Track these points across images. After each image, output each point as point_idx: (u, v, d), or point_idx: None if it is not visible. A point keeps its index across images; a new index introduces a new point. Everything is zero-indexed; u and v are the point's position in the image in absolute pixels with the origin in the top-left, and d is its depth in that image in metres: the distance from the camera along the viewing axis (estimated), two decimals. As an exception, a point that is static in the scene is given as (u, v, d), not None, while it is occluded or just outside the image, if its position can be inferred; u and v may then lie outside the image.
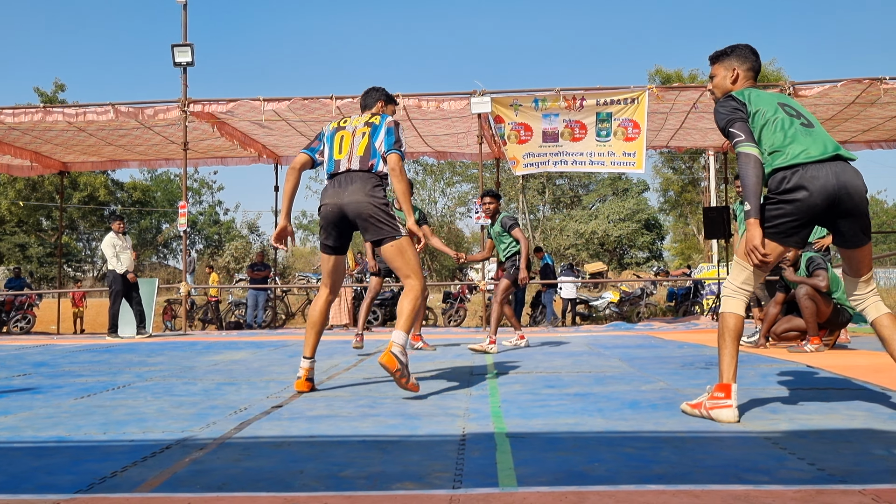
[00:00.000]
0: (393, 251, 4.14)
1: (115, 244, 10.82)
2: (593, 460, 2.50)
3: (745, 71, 3.52)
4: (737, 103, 3.33)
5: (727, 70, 3.53)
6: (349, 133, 4.31)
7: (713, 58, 3.60)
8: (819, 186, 3.11)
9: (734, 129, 3.26)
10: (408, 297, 4.10)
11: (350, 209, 4.11)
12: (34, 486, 2.28)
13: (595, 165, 11.78)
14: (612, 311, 15.92)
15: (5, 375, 5.54)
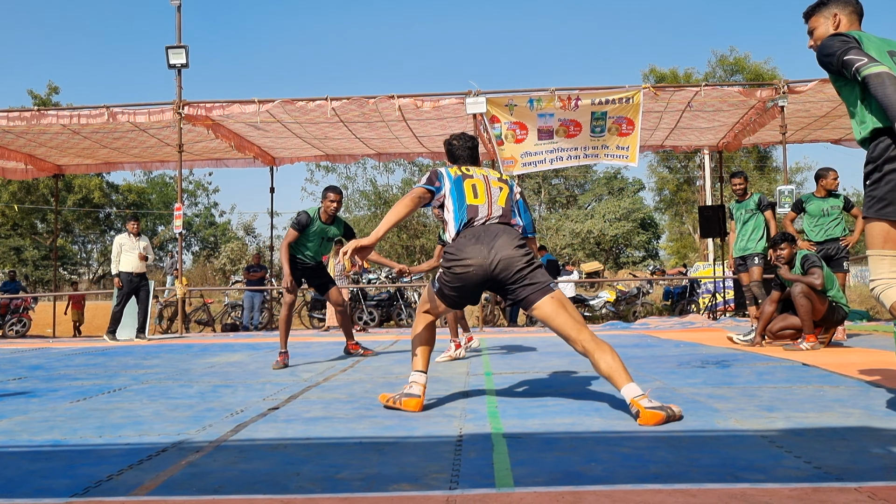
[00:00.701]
0: (556, 304, 3.47)
1: (122, 244, 10.81)
2: (590, 460, 2.49)
3: (849, 14, 3.25)
4: (846, 37, 3.03)
5: (827, 18, 3.28)
6: (481, 182, 3.74)
7: (809, 12, 3.36)
8: None
9: (851, 55, 2.92)
10: (606, 352, 3.39)
11: (501, 265, 3.47)
12: (30, 489, 2.27)
13: (589, 158, 11.82)
14: (609, 311, 15.93)
15: (1, 379, 5.52)
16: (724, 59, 36.00)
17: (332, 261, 13.82)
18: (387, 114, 11.97)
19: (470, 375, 5.05)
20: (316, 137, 13.67)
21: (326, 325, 13.23)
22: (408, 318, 14.64)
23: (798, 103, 11.61)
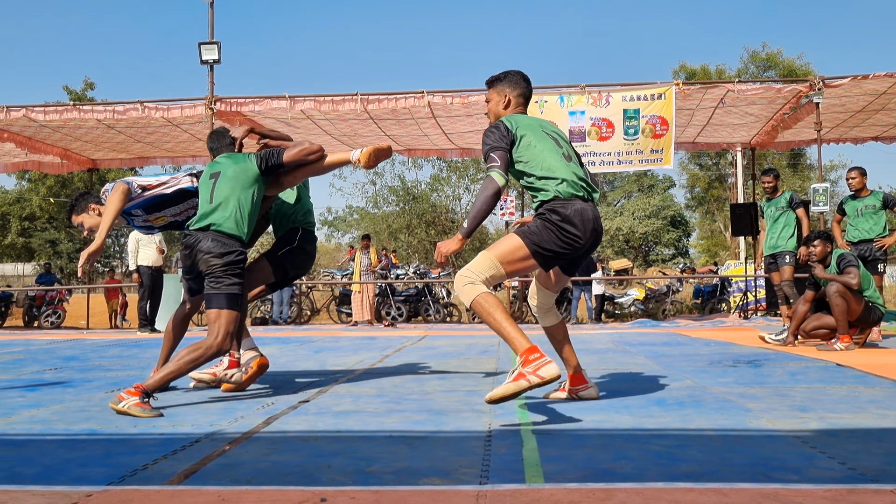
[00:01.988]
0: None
1: (139, 239, 10.94)
2: (620, 457, 2.49)
3: (516, 97, 3.69)
4: (499, 129, 3.47)
5: (500, 95, 3.69)
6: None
7: (487, 83, 3.76)
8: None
9: (493, 154, 3.39)
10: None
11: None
12: (67, 477, 2.31)
13: (623, 165, 11.59)
14: (638, 309, 15.83)
15: (37, 369, 5.63)
16: (756, 54, 35.53)
17: (358, 255, 13.88)
18: (416, 110, 11.98)
19: (498, 371, 5.05)
20: (345, 134, 13.72)
21: (354, 321, 13.29)
22: (435, 314, 14.66)
23: (833, 97, 11.41)
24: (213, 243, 3.79)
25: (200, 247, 3.80)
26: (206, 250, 3.78)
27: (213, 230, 3.83)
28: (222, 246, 3.80)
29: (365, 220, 35.89)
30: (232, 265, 3.78)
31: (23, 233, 36.28)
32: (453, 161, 35.40)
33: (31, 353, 7.25)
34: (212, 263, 3.77)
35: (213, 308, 3.74)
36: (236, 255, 3.82)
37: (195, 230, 3.88)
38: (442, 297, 15.37)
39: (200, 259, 3.80)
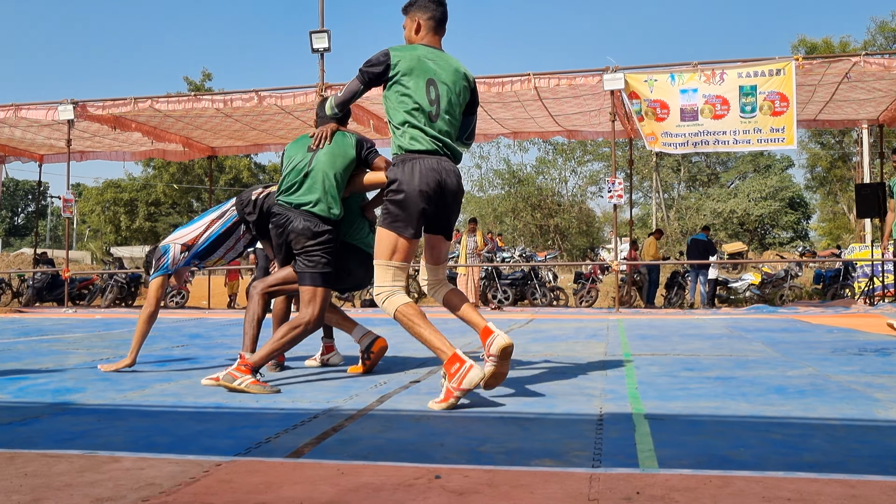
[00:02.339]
0: None
1: None
2: (738, 445, 2.42)
3: (426, 21, 3.53)
4: (381, 58, 3.41)
5: (412, 21, 3.55)
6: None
7: (403, 9, 3.62)
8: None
9: (356, 79, 3.47)
10: None
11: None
12: (198, 448, 2.46)
13: (740, 144, 11.04)
14: (753, 294, 15.25)
15: (166, 346, 5.98)
16: (884, 25, 33.32)
17: (465, 238, 13.96)
18: (522, 93, 11.90)
19: (608, 356, 5.00)
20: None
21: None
22: (542, 298, 14.61)
23: None
24: (306, 224, 3.84)
25: (293, 227, 3.85)
26: (299, 231, 3.84)
27: (305, 210, 3.88)
28: (315, 226, 3.85)
29: (470, 203, 36.06)
30: (325, 244, 3.85)
31: (149, 217, 38.37)
32: (559, 143, 35.06)
33: (160, 330, 7.69)
34: (306, 244, 3.84)
35: (308, 286, 3.82)
36: (328, 234, 3.88)
37: (286, 207, 3.92)
38: (548, 281, 15.29)
39: (293, 239, 3.86)
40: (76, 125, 13.56)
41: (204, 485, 2.00)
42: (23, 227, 56.78)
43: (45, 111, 13.04)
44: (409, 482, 2.02)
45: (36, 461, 2.26)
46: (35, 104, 13.15)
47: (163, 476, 2.08)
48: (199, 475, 2.09)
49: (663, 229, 25.63)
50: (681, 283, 14.80)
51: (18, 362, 4.91)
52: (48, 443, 2.54)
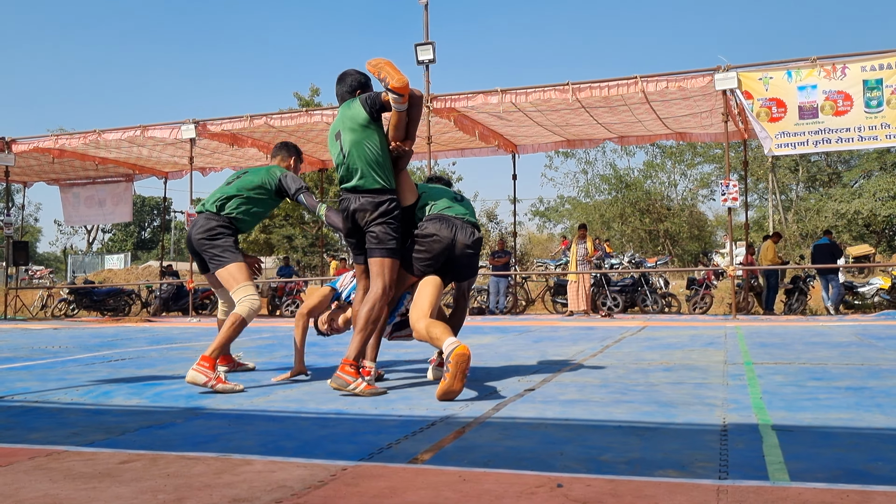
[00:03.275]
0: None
1: None
2: (876, 459, 2.30)
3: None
4: None
5: None
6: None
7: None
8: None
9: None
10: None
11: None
12: (323, 452, 2.54)
13: (866, 141, 10.35)
14: (883, 299, 14.38)
15: (285, 354, 6.20)
16: None
17: (574, 244, 13.81)
18: (629, 97, 11.70)
19: (728, 364, 4.84)
20: (556, 124, 13.72)
21: (569, 311, 13.27)
22: (653, 304, 14.27)
23: None
24: (362, 201, 3.92)
25: (354, 207, 3.94)
26: (358, 208, 3.93)
27: (360, 189, 3.95)
28: (372, 197, 3.92)
29: (577, 209, 35.63)
30: (386, 214, 3.91)
31: (264, 229, 39.86)
32: (668, 146, 34.20)
33: (278, 338, 7.99)
34: (367, 218, 3.91)
35: (376, 258, 3.91)
36: (388, 203, 3.93)
37: (346, 193, 4.02)
38: (660, 287, 14.93)
39: (358, 218, 3.94)
40: (197, 143, 14.29)
41: (332, 488, 2.07)
42: (149, 240, 60.20)
43: (170, 131, 13.82)
44: (531, 490, 2.02)
45: (176, 462, 2.40)
46: (160, 125, 13.94)
47: (293, 479, 2.17)
48: (327, 479, 2.17)
49: (781, 232, 24.55)
50: (802, 288, 14.13)
51: (153, 369, 5.21)
52: (185, 445, 2.68)
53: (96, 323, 13.57)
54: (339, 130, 4.05)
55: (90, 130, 14.34)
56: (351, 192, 3.98)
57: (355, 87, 4.14)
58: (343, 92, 4.17)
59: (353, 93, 4.14)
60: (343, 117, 4.04)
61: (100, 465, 2.39)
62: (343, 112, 4.07)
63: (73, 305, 17.74)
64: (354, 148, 3.94)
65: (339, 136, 4.03)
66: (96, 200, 17.91)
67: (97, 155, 15.82)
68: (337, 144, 4.05)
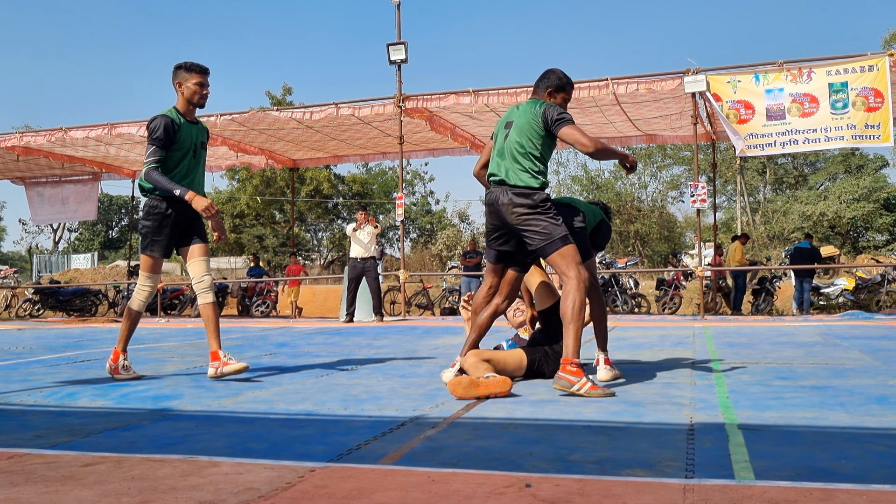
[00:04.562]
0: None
1: (352, 233, 11.59)
2: (839, 457, 2.34)
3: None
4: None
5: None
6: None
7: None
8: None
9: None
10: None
11: None
12: (292, 453, 2.52)
13: (833, 141, 10.47)
14: (847, 299, 14.64)
15: (255, 354, 6.15)
16: None
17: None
18: (600, 98, 11.78)
19: (695, 364, 4.89)
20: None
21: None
22: (623, 305, 14.38)
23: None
24: (511, 195, 3.87)
25: (501, 200, 3.91)
26: (507, 202, 3.88)
27: (507, 185, 3.92)
28: (522, 192, 3.87)
29: None
30: (541, 206, 3.85)
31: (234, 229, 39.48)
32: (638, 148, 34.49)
33: (248, 339, 7.93)
34: (520, 214, 3.84)
35: (553, 253, 3.81)
36: (538, 196, 3.88)
37: (495, 185, 4.00)
38: (630, 288, 15.05)
39: (506, 213, 3.88)
40: (167, 142, 14.11)
41: (300, 490, 2.06)
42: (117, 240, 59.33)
43: (138, 128, 13.62)
44: (499, 490, 2.02)
45: (141, 465, 2.37)
46: (128, 122, 13.75)
47: (260, 481, 2.15)
48: (295, 480, 2.15)
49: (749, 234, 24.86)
50: (769, 289, 14.33)
51: (119, 370, 5.13)
52: (151, 447, 2.65)
53: (62, 323, 13.36)
54: (510, 121, 4.06)
55: (56, 128, 14.11)
56: (499, 184, 3.98)
57: (554, 88, 4.13)
58: (538, 88, 4.15)
59: (545, 92, 4.12)
60: (521, 112, 4.02)
61: (63, 468, 2.35)
62: (525, 106, 4.05)
63: (38, 306, 17.45)
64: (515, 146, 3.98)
65: (508, 126, 4.04)
66: (60, 199, 17.61)
67: (63, 153, 15.57)
68: (501, 135, 4.06)
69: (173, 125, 4.31)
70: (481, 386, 3.55)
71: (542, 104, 3.99)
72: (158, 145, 4.27)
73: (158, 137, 4.26)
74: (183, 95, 4.46)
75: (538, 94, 4.14)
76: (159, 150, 4.27)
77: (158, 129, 4.25)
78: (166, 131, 4.27)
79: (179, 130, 4.35)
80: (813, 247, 14.61)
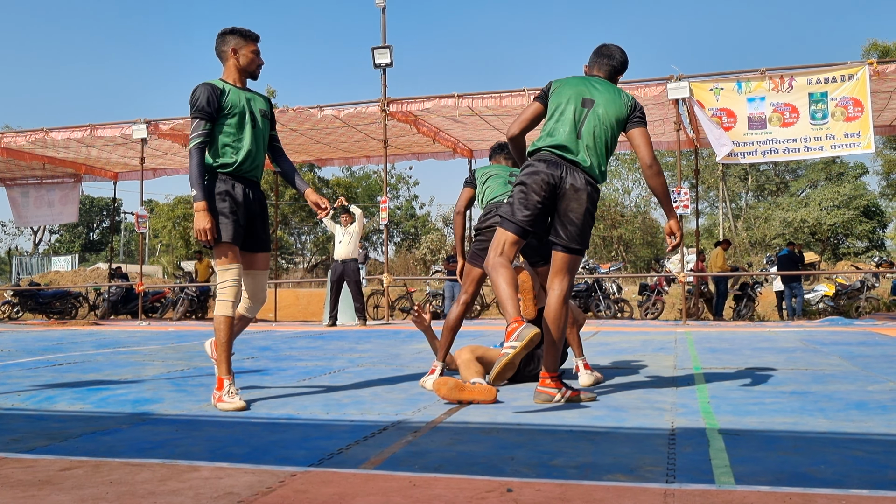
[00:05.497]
0: None
1: (334, 235, 11.57)
2: (818, 462, 2.35)
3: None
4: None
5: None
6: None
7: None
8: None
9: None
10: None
11: None
12: (273, 458, 2.51)
13: (812, 151, 10.61)
14: (827, 305, 14.78)
15: (237, 358, 6.09)
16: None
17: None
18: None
19: (677, 369, 4.91)
20: (514, 129, 13.79)
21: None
22: (606, 310, 14.44)
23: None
24: (587, 183, 3.54)
25: (573, 183, 3.51)
26: (581, 187, 3.51)
27: (583, 169, 3.55)
28: (596, 188, 3.60)
29: None
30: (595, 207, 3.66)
31: (217, 232, 39.27)
32: (623, 154, 34.68)
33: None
34: (586, 206, 3.52)
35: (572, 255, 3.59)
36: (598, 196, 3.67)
37: (564, 161, 3.55)
38: (613, 293, 15.11)
39: (570, 195, 3.50)
40: (149, 143, 14.03)
41: (280, 495, 2.04)
42: (98, 242, 58.85)
43: (120, 130, 13.54)
44: (481, 495, 2.02)
45: (120, 469, 2.34)
46: (110, 124, 13.66)
47: (240, 486, 2.13)
48: (275, 485, 2.14)
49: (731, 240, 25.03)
50: (750, 294, 14.44)
51: (98, 373, 5.09)
52: (130, 452, 2.62)
53: (41, 326, 13.22)
54: (590, 98, 3.63)
55: (37, 129, 13.99)
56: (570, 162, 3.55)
57: (618, 71, 3.81)
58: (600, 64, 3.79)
59: (614, 74, 3.79)
60: (603, 93, 3.64)
61: (40, 472, 2.33)
62: (604, 88, 3.67)
63: (17, 308, 17.26)
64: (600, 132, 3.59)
65: (587, 103, 3.61)
66: (46, 201, 17.47)
67: (45, 154, 15.43)
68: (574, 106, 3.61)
69: (214, 91, 3.70)
70: (466, 391, 3.55)
71: (625, 94, 3.71)
72: (201, 116, 3.66)
73: (200, 108, 3.66)
74: (238, 63, 3.84)
75: (605, 71, 3.78)
76: (203, 123, 3.66)
77: (199, 99, 3.67)
78: (208, 100, 3.66)
79: (227, 96, 3.74)
80: (792, 252, 14.78)
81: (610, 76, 3.79)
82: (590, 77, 3.75)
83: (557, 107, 3.64)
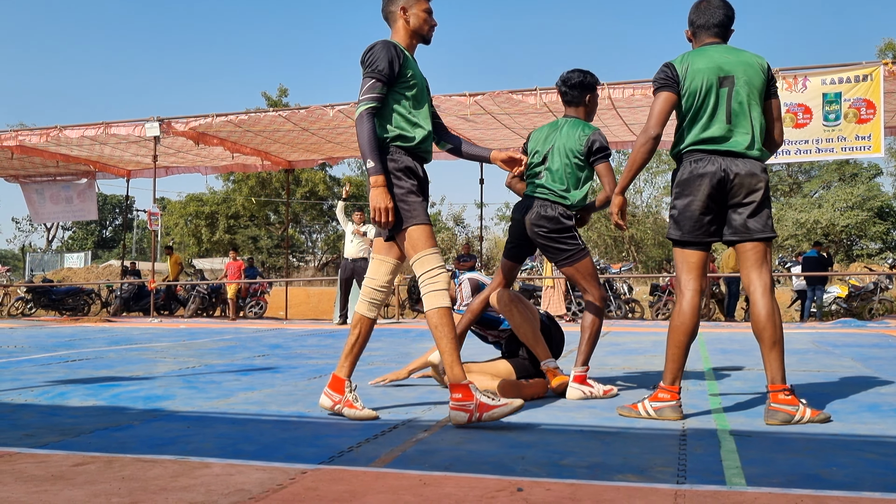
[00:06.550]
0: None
1: (346, 234, 11.60)
2: (830, 464, 2.34)
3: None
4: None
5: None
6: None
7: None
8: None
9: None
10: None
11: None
12: (284, 455, 2.52)
13: (823, 153, 10.56)
14: (840, 307, 14.68)
15: (248, 356, 6.14)
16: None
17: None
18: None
19: (688, 370, 4.89)
20: (525, 128, 13.78)
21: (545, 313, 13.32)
22: (616, 310, 14.40)
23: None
24: (756, 168, 3.18)
25: (738, 170, 3.14)
26: (746, 173, 3.15)
27: (750, 159, 3.17)
28: (764, 167, 3.21)
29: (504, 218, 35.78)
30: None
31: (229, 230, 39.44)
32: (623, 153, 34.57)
33: (241, 340, 7.91)
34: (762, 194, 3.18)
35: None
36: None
37: (719, 156, 3.18)
38: (623, 293, 15.06)
39: (743, 183, 3.14)
40: (161, 141, 14.09)
41: (291, 492, 2.05)
42: (111, 239, 59.23)
43: (133, 128, 13.59)
44: (491, 494, 2.02)
45: (132, 465, 2.36)
46: (123, 122, 13.71)
47: (251, 482, 2.14)
48: (286, 482, 2.14)
49: (743, 240, 24.86)
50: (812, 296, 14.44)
51: (111, 370, 5.12)
52: (142, 448, 2.64)
53: (54, 322, 13.31)
54: (728, 72, 3.17)
55: (51, 126, 14.06)
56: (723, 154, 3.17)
57: (731, 21, 3.32)
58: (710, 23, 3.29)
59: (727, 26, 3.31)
60: (737, 61, 3.18)
61: (53, 467, 2.34)
62: (736, 55, 3.20)
63: (30, 304, 17.38)
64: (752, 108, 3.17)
65: (729, 80, 3.16)
66: (63, 198, 17.56)
67: (58, 152, 15.53)
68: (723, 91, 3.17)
69: (398, 53, 3.14)
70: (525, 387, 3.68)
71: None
72: (378, 77, 3.09)
73: (380, 69, 3.09)
74: (408, 25, 3.27)
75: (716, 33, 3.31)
76: (379, 86, 3.10)
77: (380, 59, 3.09)
78: (390, 62, 3.10)
79: (407, 63, 3.20)
80: (819, 255, 14.71)
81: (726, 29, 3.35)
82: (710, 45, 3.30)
83: (699, 95, 3.23)
